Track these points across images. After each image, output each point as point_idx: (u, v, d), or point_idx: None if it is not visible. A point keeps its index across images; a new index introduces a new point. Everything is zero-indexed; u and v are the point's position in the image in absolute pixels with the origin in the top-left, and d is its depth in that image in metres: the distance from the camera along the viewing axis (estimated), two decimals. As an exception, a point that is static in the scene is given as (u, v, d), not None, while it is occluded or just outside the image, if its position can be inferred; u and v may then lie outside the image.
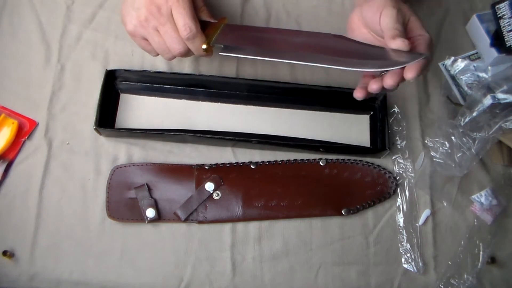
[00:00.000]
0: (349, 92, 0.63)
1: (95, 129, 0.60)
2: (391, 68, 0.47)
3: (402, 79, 0.48)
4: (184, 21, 0.51)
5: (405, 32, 0.49)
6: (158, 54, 0.56)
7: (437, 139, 0.63)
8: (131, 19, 0.53)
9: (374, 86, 0.49)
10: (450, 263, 0.62)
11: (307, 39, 0.54)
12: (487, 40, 0.68)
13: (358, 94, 0.51)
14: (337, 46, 0.52)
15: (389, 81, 0.47)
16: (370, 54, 0.50)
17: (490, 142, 0.60)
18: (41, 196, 0.60)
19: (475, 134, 0.60)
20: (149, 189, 0.60)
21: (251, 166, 0.63)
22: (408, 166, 0.65)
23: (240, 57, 0.52)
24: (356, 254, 0.62)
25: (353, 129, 0.66)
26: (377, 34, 0.52)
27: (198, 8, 0.56)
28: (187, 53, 0.54)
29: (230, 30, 0.55)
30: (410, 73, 0.46)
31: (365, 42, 0.53)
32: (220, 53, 0.52)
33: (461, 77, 0.69)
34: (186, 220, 0.60)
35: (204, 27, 0.54)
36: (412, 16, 0.51)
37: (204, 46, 0.53)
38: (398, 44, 0.47)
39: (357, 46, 0.52)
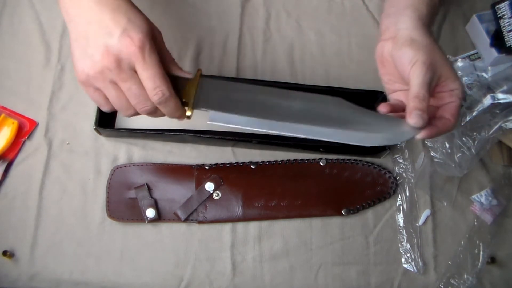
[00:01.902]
0: (349, 91, 0.63)
1: (95, 129, 0.60)
2: (392, 144, 0.46)
3: None
4: (153, 84, 0.43)
5: (430, 92, 0.47)
6: (112, 109, 0.47)
7: (437, 139, 0.63)
8: (84, 67, 0.43)
9: None
10: (450, 263, 0.62)
11: (305, 104, 0.48)
12: (487, 40, 0.68)
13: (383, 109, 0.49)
14: (336, 115, 0.48)
15: None
16: (370, 125, 0.48)
17: (490, 142, 0.60)
18: (41, 196, 0.60)
19: (475, 134, 0.60)
20: (149, 189, 0.60)
21: (251, 166, 0.63)
22: (408, 166, 0.65)
23: (233, 127, 0.46)
24: (356, 254, 0.62)
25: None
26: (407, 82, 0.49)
27: (166, 61, 0.47)
28: (155, 112, 0.47)
29: (211, 88, 0.47)
30: (420, 136, 0.47)
31: (362, 108, 0.49)
32: (208, 122, 0.46)
33: (461, 77, 0.69)
34: (186, 220, 0.60)
35: (175, 82, 0.46)
36: (445, 66, 0.48)
37: (189, 114, 0.46)
38: (413, 121, 0.45)
39: (355, 116, 0.48)
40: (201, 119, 0.64)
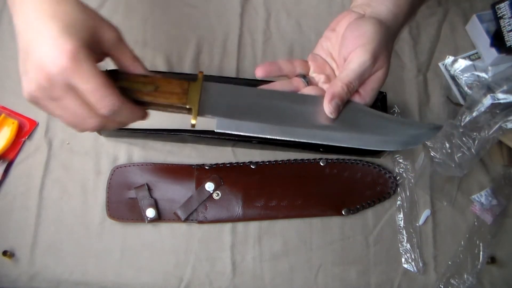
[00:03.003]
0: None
1: (95, 129, 0.60)
2: (409, 147, 0.46)
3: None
4: (98, 96, 0.37)
5: (360, 84, 0.46)
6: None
7: (437, 139, 0.63)
8: (24, 85, 0.38)
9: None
10: (450, 263, 0.62)
11: (319, 108, 0.46)
12: (487, 40, 0.68)
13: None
14: (351, 119, 0.46)
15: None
16: (387, 129, 0.46)
17: (490, 142, 0.60)
18: (41, 196, 0.60)
19: (475, 134, 0.60)
20: (149, 189, 0.60)
21: (251, 166, 0.63)
22: (408, 166, 0.65)
23: (244, 135, 0.44)
24: (356, 254, 0.62)
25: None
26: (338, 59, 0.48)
27: (126, 61, 0.42)
28: (105, 126, 0.41)
29: (216, 93, 0.44)
30: None
31: (375, 111, 0.48)
32: (215, 130, 0.44)
33: (461, 77, 0.69)
34: (186, 220, 0.60)
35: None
36: (379, 71, 0.47)
37: (193, 122, 0.42)
38: (330, 109, 0.44)
39: (370, 119, 0.47)
40: (201, 118, 0.65)
